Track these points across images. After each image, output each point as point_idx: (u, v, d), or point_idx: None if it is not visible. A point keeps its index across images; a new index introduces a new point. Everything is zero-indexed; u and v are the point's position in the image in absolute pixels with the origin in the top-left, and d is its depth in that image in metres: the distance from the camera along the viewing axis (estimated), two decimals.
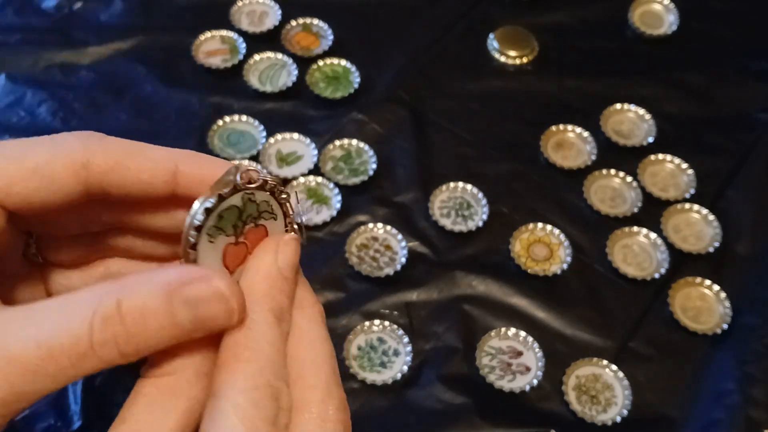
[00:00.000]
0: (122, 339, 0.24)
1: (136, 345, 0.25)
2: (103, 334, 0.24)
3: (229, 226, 0.29)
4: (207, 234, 0.28)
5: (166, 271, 0.26)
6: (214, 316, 0.26)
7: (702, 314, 0.61)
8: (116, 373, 0.55)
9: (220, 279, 0.26)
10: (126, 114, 0.69)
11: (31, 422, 0.53)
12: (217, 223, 0.28)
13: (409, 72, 0.73)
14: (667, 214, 0.65)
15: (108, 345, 0.24)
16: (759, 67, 0.75)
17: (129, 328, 0.24)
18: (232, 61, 0.72)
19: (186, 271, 0.26)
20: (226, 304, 0.26)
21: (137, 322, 0.24)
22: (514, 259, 0.62)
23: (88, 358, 0.24)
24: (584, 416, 0.55)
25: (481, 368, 0.57)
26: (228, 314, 0.26)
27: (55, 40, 0.73)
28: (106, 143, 0.28)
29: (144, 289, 0.25)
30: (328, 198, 0.64)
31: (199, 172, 0.29)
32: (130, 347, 0.25)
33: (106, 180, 0.28)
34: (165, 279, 0.25)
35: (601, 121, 0.70)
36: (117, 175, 0.28)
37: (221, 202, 0.28)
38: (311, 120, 0.69)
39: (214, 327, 0.26)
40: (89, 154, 0.28)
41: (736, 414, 0.55)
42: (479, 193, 0.65)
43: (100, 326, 0.24)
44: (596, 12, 0.78)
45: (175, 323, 0.25)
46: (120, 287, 0.25)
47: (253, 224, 0.30)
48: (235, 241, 0.29)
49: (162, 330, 0.25)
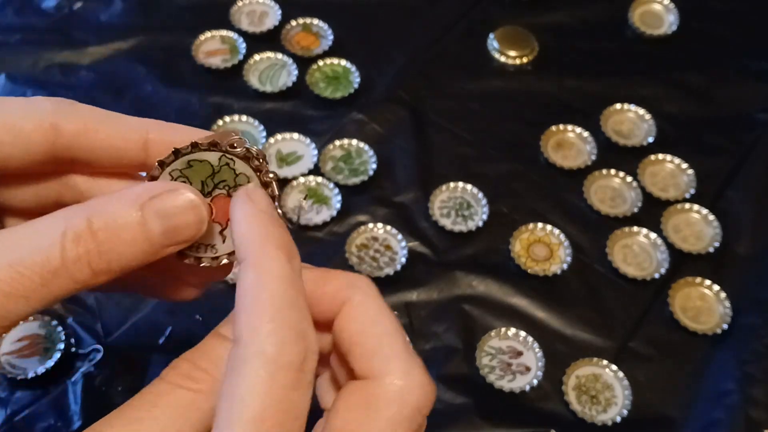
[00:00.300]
0: (94, 255, 0.24)
1: (108, 261, 0.25)
2: (74, 251, 0.24)
3: (197, 180, 0.28)
4: (169, 174, 0.28)
5: (133, 188, 0.26)
6: (186, 224, 0.26)
7: (702, 314, 0.61)
8: (116, 373, 0.55)
9: (187, 189, 0.26)
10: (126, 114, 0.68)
11: (31, 422, 0.53)
12: (183, 169, 0.28)
13: (409, 72, 0.73)
14: (667, 214, 0.65)
15: (80, 262, 0.24)
16: (759, 67, 0.75)
17: (101, 244, 0.24)
18: (232, 61, 0.72)
19: (154, 185, 0.26)
20: (196, 210, 0.26)
21: (109, 237, 0.25)
22: (514, 259, 0.62)
23: (60, 277, 0.24)
24: (584, 416, 0.55)
25: (481, 368, 0.57)
26: (199, 222, 0.26)
27: (55, 40, 0.73)
28: (77, 107, 0.28)
29: (114, 205, 0.25)
30: (328, 198, 0.64)
31: (171, 140, 0.29)
32: (103, 263, 0.25)
33: (75, 143, 0.28)
34: (134, 193, 0.25)
35: (601, 121, 0.70)
36: (86, 138, 0.28)
37: (194, 150, 0.28)
38: (311, 120, 0.69)
39: (186, 237, 0.26)
40: (60, 116, 0.28)
41: (736, 414, 0.55)
42: (479, 193, 0.65)
43: (71, 243, 0.24)
44: (596, 12, 0.78)
45: (147, 236, 0.25)
46: (89, 206, 0.25)
47: (225, 192, 0.29)
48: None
49: (134, 244, 0.25)
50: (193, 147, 0.28)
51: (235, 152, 0.28)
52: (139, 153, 0.29)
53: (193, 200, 0.26)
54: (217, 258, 0.29)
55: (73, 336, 0.56)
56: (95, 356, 0.56)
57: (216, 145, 0.28)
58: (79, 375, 0.55)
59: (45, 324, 0.56)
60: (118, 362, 0.56)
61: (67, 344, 0.55)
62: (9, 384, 0.54)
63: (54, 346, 0.55)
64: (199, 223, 0.27)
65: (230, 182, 0.29)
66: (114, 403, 0.53)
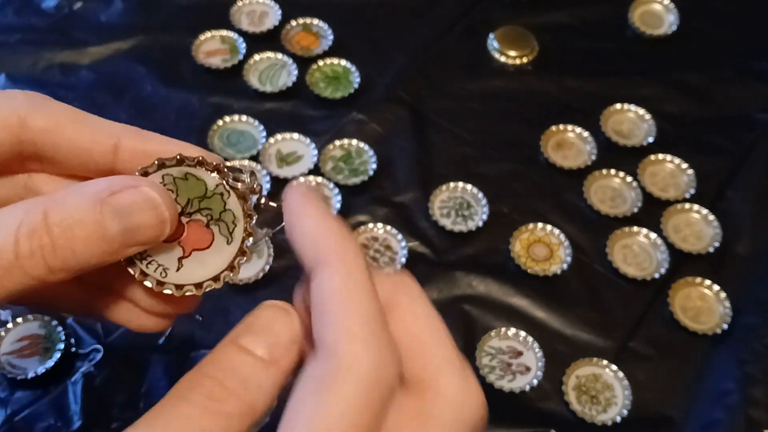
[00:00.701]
0: (49, 251, 0.23)
1: (64, 258, 0.23)
2: (28, 246, 0.23)
3: (185, 195, 0.27)
4: (163, 176, 0.27)
5: (96, 181, 0.24)
6: (145, 224, 0.24)
7: (702, 314, 0.61)
8: (116, 373, 0.55)
9: (150, 185, 0.25)
10: (126, 114, 0.69)
11: (31, 422, 0.53)
12: (177, 178, 0.27)
13: (409, 72, 0.73)
14: (667, 214, 0.65)
15: (34, 257, 0.23)
16: (759, 67, 0.75)
17: (56, 240, 0.23)
18: (232, 61, 0.72)
19: (116, 180, 0.25)
20: (157, 210, 0.25)
21: (64, 233, 0.23)
22: (514, 259, 0.62)
23: (14, 272, 0.23)
24: (584, 416, 0.55)
25: (481, 368, 0.57)
26: (159, 223, 0.25)
27: (55, 40, 0.73)
28: (50, 104, 0.27)
29: (72, 200, 0.24)
30: (328, 198, 0.64)
31: (143, 148, 0.27)
32: (58, 260, 0.23)
33: (41, 139, 0.27)
34: (94, 188, 0.24)
35: (601, 121, 0.70)
36: (53, 136, 0.27)
37: (196, 166, 0.27)
38: (311, 120, 0.69)
39: (145, 239, 0.25)
40: (29, 111, 0.26)
41: (736, 414, 0.55)
42: (479, 193, 0.65)
43: (25, 237, 0.23)
44: (596, 12, 0.78)
45: (103, 234, 0.24)
46: (47, 199, 0.24)
47: (204, 221, 0.27)
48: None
49: (90, 242, 0.24)
50: (197, 163, 0.27)
51: (235, 186, 0.27)
52: (106, 157, 0.27)
53: (153, 199, 0.25)
54: (162, 284, 0.27)
55: (73, 336, 0.56)
56: (95, 356, 0.56)
57: (220, 171, 0.27)
58: (79, 375, 0.55)
59: (45, 324, 0.56)
60: (118, 362, 0.56)
61: (67, 344, 0.55)
62: (9, 384, 0.54)
63: (54, 346, 0.55)
64: (160, 224, 0.25)
65: (214, 214, 0.27)
66: (114, 403, 0.54)
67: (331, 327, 0.23)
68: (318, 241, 0.25)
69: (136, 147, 0.27)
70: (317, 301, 0.24)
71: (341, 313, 0.23)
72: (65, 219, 0.23)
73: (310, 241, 0.25)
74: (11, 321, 0.56)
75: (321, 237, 0.25)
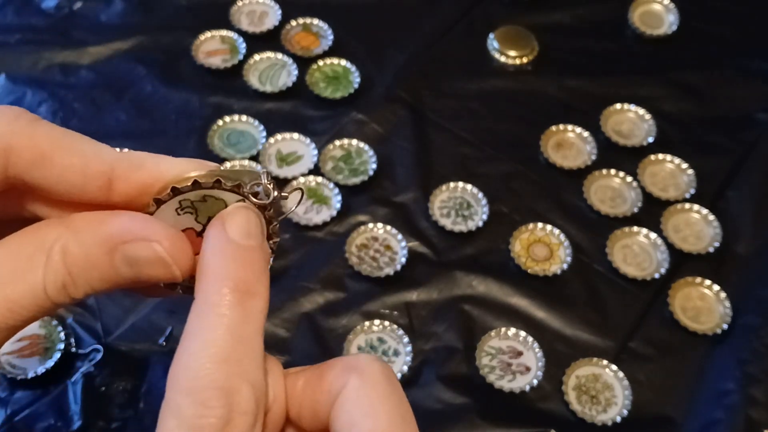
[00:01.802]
0: (70, 286, 0.24)
1: (84, 290, 0.25)
2: (54, 284, 0.24)
3: (205, 215, 0.27)
4: (179, 202, 0.26)
5: (113, 220, 0.25)
6: (155, 276, 0.25)
7: (702, 314, 0.61)
8: (116, 373, 0.55)
9: (163, 240, 0.24)
10: (126, 114, 0.69)
11: (31, 422, 0.53)
12: (196, 201, 0.26)
13: (409, 72, 0.73)
14: (667, 214, 0.65)
15: (60, 292, 0.24)
16: (759, 67, 0.75)
17: (75, 278, 0.24)
18: (232, 61, 0.72)
19: (130, 225, 0.24)
20: (166, 268, 0.25)
21: (82, 272, 0.24)
22: (514, 259, 0.62)
23: (45, 307, 0.24)
24: (584, 416, 0.55)
25: (481, 368, 0.57)
26: (171, 276, 0.25)
27: (55, 40, 0.73)
28: (36, 130, 0.25)
29: (89, 239, 0.24)
30: (328, 198, 0.64)
31: (138, 179, 0.25)
32: (79, 292, 0.25)
33: (28, 174, 0.25)
34: (109, 231, 0.24)
35: (601, 121, 0.70)
36: (41, 170, 0.25)
37: (212, 188, 0.26)
38: (311, 120, 0.69)
39: (158, 281, 0.26)
40: (12, 143, 0.24)
41: (736, 414, 0.55)
42: (479, 193, 0.65)
43: (51, 277, 0.24)
44: (596, 12, 0.78)
45: (117, 276, 0.25)
46: (69, 232, 0.24)
47: None
48: (197, 232, 0.27)
49: (107, 280, 0.25)
50: (194, 185, 0.26)
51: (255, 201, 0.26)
52: (100, 191, 0.25)
53: (163, 258, 0.24)
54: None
55: (73, 336, 0.56)
56: (95, 356, 0.56)
57: (239, 187, 0.26)
58: (79, 375, 0.55)
59: (45, 324, 0.56)
60: (118, 362, 0.56)
61: (67, 344, 0.55)
62: (9, 384, 0.54)
63: (54, 346, 0.55)
64: (171, 276, 0.25)
65: None
66: (114, 403, 0.54)
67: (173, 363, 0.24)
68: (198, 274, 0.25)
69: (131, 178, 0.25)
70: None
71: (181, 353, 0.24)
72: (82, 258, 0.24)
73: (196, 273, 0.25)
74: None
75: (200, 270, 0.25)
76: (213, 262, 0.24)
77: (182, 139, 0.68)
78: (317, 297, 0.60)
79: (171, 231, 0.25)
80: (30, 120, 0.25)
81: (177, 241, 0.25)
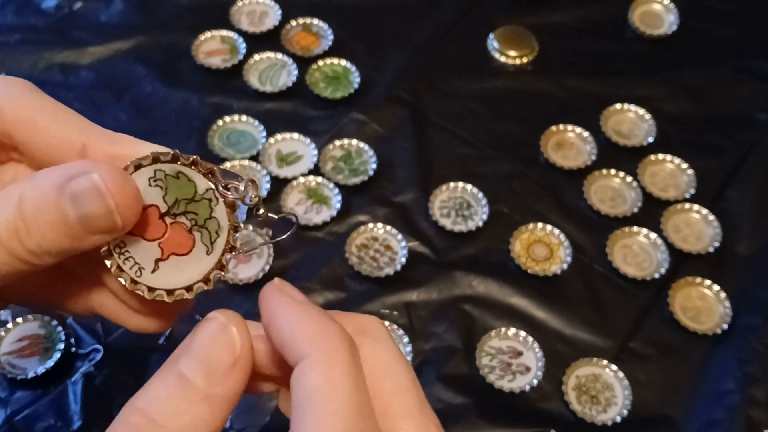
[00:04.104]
0: (24, 235, 0.24)
1: (38, 242, 0.24)
2: (7, 229, 0.24)
3: (173, 195, 0.26)
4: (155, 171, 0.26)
5: (63, 165, 0.25)
6: (95, 214, 0.24)
7: (702, 314, 0.61)
8: (116, 373, 0.55)
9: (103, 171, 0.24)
10: (126, 114, 0.69)
11: (31, 422, 0.53)
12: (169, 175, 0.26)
13: (409, 72, 0.73)
14: (667, 214, 0.65)
15: (12, 237, 0.24)
16: (759, 67, 0.75)
17: (29, 225, 0.24)
18: (232, 61, 0.72)
19: (77, 164, 0.25)
20: (103, 200, 0.24)
21: (34, 218, 0.24)
22: (514, 259, 0.62)
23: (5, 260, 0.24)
24: (584, 416, 0.55)
25: (481, 368, 0.57)
26: (107, 213, 0.24)
27: (55, 40, 0.73)
28: (28, 95, 0.27)
29: (41, 184, 0.24)
30: (328, 198, 0.64)
31: (111, 150, 0.27)
32: (33, 244, 0.24)
33: (14, 132, 0.27)
34: (57, 173, 0.24)
35: (601, 121, 0.70)
36: (25, 130, 0.27)
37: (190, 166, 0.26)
38: (311, 120, 0.69)
39: (102, 228, 0.25)
40: (5, 102, 0.27)
41: (736, 414, 0.55)
42: (479, 193, 0.65)
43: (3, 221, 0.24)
44: (596, 12, 0.78)
45: (65, 220, 0.24)
46: (24, 184, 0.25)
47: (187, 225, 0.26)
48: (160, 212, 0.26)
49: (56, 228, 0.24)
50: (173, 158, 0.26)
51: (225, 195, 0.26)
52: (74, 157, 0.27)
53: (98, 187, 0.24)
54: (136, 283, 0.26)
55: (73, 336, 0.56)
56: (95, 356, 0.56)
57: (213, 175, 0.26)
58: (79, 375, 0.55)
59: (45, 324, 0.56)
60: (118, 362, 0.56)
61: (67, 344, 0.55)
62: (9, 384, 0.54)
63: (54, 346, 0.55)
64: (108, 215, 0.24)
65: (199, 219, 0.26)
66: (114, 403, 0.54)
67: (308, 421, 0.23)
68: (296, 335, 0.24)
69: (105, 149, 0.27)
70: (296, 397, 0.23)
71: (319, 409, 0.23)
72: (34, 204, 0.24)
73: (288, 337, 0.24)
74: (11, 321, 0.56)
75: (299, 330, 0.24)
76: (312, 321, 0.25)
77: (182, 139, 0.68)
78: (317, 297, 0.60)
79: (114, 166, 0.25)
80: (26, 87, 0.27)
81: (117, 175, 0.24)
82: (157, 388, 0.24)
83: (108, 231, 0.25)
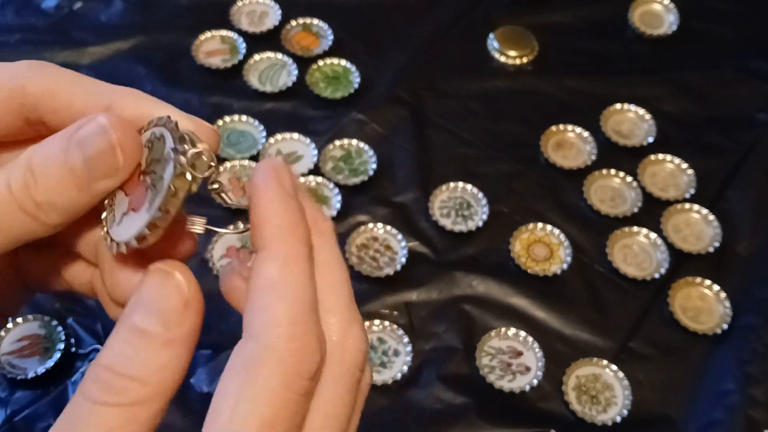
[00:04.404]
0: (33, 187, 0.25)
1: (44, 193, 0.25)
2: (18, 181, 0.24)
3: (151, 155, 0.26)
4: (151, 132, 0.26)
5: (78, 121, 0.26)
6: (99, 154, 0.25)
7: (702, 314, 0.61)
8: None
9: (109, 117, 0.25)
10: None
11: (31, 422, 0.53)
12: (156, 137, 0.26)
13: (409, 72, 0.73)
14: (667, 214, 0.65)
15: (24, 194, 0.24)
16: (759, 67, 0.75)
17: (37, 177, 0.24)
18: (232, 61, 0.72)
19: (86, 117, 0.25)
20: (107, 135, 0.25)
21: (43, 170, 0.24)
22: (514, 259, 0.62)
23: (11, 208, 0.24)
24: (584, 416, 0.55)
25: (481, 368, 0.57)
26: (110, 149, 0.25)
27: (55, 40, 0.73)
28: (48, 69, 0.28)
29: (50, 140, 0.25)
30: (328, 198, 0.64)
31: (136, 111, 0.27)
32: (40, 194, 0.25)
33: (40, 104, 0.27)
34: (70, 127, 0.25)
35: (601, 121, 0.70)
36: (50, 101, 0.27)
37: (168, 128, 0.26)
38: (311, 120, 0.69)
39: (106, 168, 0.25)
40: (29, 78, 0.27)
41: (736, 414, 0.55)
42: (479, 193, 0.65)
43: (15, 174, 0.25)
44: (596, 12, 0.78)
45: (71, 167, 0.25)
46: (36, 144, 0.25)
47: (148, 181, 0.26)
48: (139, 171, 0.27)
49: (63, 177, 0.25)
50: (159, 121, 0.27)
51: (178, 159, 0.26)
52: None
53: (103, 124, 0.25)
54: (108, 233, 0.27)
55: (73, 336, 0.56)
56: (95, 356, 0.56)
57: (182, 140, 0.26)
58: (79, 375, 0.55)
59: (45, 324, 0.56)
60: None
61: (67, 344, 0.55)
62: (9, 384, 0.54)
63: (54, 346, 0.55)
64: (111, 149, 0.25)
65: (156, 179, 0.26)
66: None
67: (260, 314, 0.24)
68: (266, 225, 0.25)
69: (129, 110, 0.27)
70: (252, 286, 0.25)
71: (272, 302, 0.24)
72: (43, 157, 0.25)
73: (260, 224, 0.25)
74: (11, 321, 0.56)
75: (270, 221, 0.25)
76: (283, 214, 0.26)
77: None
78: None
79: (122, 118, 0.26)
80: (45, 65, 0.28)
81: (123, 123, 0.25)
82: (117, 344, 0.25)
83: (110, 173, 0.25)
